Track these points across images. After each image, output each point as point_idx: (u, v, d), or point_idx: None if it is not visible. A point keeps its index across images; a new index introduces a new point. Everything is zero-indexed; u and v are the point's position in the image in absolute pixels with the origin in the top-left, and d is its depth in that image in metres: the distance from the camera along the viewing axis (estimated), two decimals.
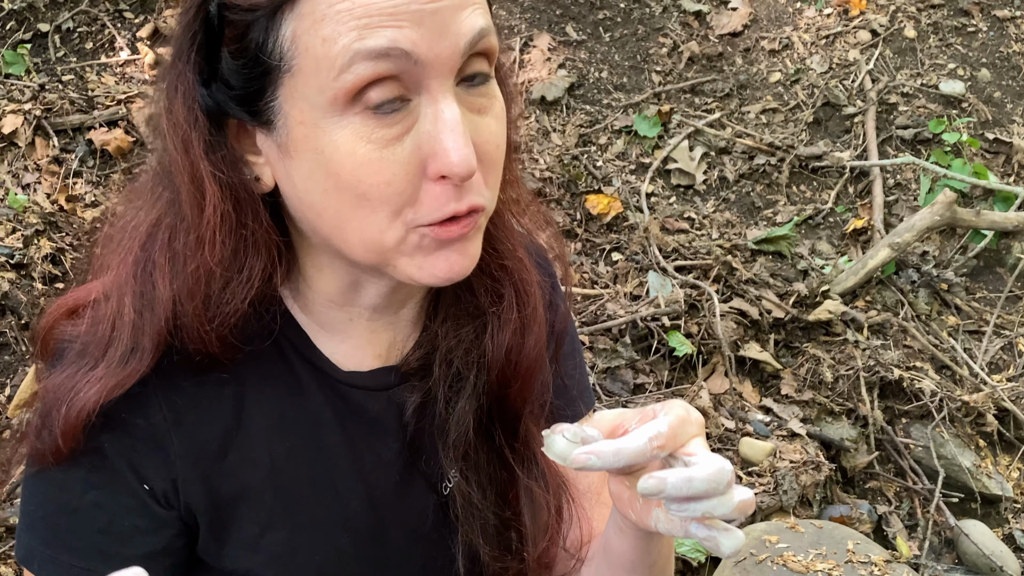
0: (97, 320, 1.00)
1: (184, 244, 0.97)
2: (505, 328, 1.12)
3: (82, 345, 1.00)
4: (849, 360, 3.58)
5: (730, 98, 4.75)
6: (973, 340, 3.96)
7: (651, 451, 0.88)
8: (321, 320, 1.08)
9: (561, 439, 0.90)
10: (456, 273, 0.96)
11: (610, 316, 3.55)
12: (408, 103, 0.89)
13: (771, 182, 4.48)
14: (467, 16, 0.89)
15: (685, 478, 0.86)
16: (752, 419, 3.32)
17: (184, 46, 0.93)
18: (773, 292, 3.72)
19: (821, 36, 4.94)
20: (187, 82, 0.93)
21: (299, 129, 0.90)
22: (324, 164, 0.90)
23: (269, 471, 1.04)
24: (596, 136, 4.55)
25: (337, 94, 0.87)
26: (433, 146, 0.89)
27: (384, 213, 0.91)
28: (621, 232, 4.07)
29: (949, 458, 3.41)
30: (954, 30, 4.97)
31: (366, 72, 0.86)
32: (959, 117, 4.64)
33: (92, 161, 3.81)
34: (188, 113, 0.93)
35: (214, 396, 1.02)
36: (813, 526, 2.90)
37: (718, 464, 0.87)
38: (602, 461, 0.87)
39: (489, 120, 0.95)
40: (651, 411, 0.92)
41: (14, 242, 3.32)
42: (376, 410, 1.11)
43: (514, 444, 1.16)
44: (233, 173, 0.95)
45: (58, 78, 4.09)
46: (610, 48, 4.86)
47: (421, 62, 0.87)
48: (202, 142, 0.93)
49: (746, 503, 0.88)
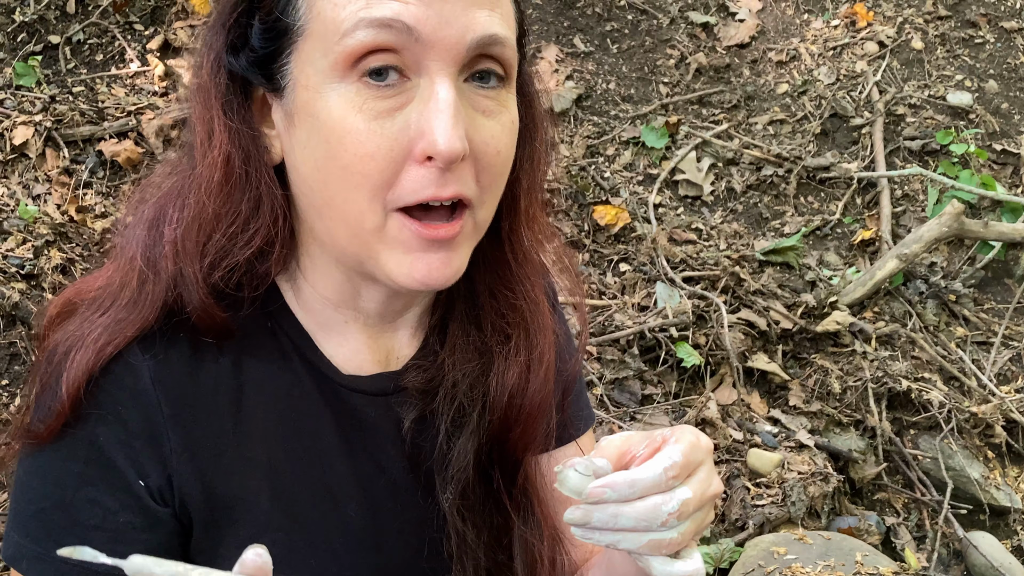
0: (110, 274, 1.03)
1: (189, 186, 1.00)
2: (510, 370, 1.11)
3: (92, 298, 1.02)
4: (857, 371, 3.57)
5: (737, 109, 4.76)
6: (981, 351, 3.95)
7: (666, 481, 0.88)
8: (320, 320, 1.08)
9: (574, 474, 0.88)
10: (435, 280, 0.96)
11: (618, 327, 3.55)
12: (407, 81, 0.91)
13: (779, 193, 4.49)
14: (482, 16, 0.91)
15: (611, 512, 0.87)
16: (760, 430, 3.32)
17: (225, 12, 0.99)
18: (781, 303, 3.72)
19: (828, 48, 4.94)
20: (219, 44, 0.98)
21: (303, 93, 0.94)
22: (318, 130, 0.92)
23: (267, 472, 1.04)
24: (604, 147, 4.56)
25: (338, 58, 0.90)
26: (421, 125, 0.90)
27: (364, 191, 0.92)
28: (629, 243, 4.07)
29: (958, 469, 3.41)
30: (961, 41, 4.97)
31: (367, 39, 0.89)
32: (967, 128, 4.64)
33: (102, 172, 3.83)
34: (211, 68, 0.98)
35: (212, 392, 1.02)
36: (821, 538, 2.89)
37: (652, 502, 0.87)
38: (617, 493, 0.87)
39: (493, 124, 0.96)
40: (659, 436, 0.92)
41: (24, 253, 3.34)
42: (375, 416, 1.10)
43: (512, 490, 1.15)
44: (245, 128, 0.98)
45: (69, 90, 4.11)
46: (618, 60, 4.87)
47: (422, 40, 0.89)
48: (219, 94, 0.98)
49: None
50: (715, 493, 0.93)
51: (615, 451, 0.91)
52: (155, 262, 1.00)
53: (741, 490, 3.10)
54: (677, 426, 0.95)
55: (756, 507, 3.04)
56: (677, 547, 0.90)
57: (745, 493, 3.09)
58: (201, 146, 0.98)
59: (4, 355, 3.17)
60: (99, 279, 1.05)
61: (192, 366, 1.01)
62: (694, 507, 0.89)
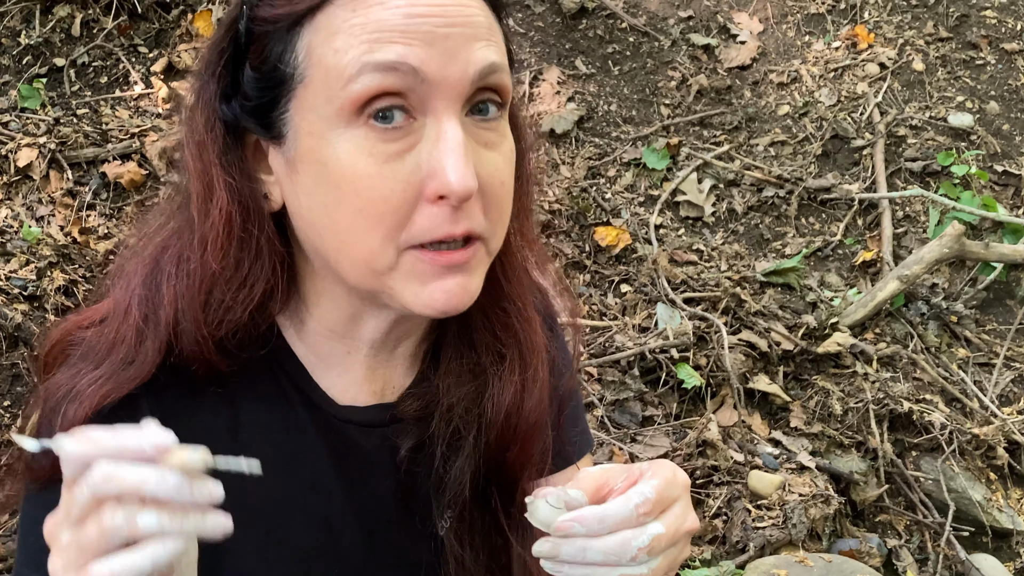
0: (104, 325, 1.02)
1: (189, 245, 0.99)
2: (505, 389, 1.11)
3: (87, 348, 1.01)
4: (858, 392, 3.57)
5: (739, 131, 4.77)
6: (983, 372, 3.94)
7: (637, 517, 0.87)
8: (320, 352, 1.08)
9: (544, 505, 0.88)
10: (453, 305, 0.96)
11: (618, 348, 3.55)
12: (413, 122, 0.91)
13: (780, 214, 4.49)
14: (480, 48, 0.91)
15: (579, 547, 0.87)
16: (761, 452, 3.31)
17: (212, 60, 0.98)
18: (782, 324, 3.72)
19: (829, 69, 4.96)
20: (209, 93, 0.98)
21: (306, 140, 0.93)
22: (327, 176, 0.92)
23: (263, 504, 1.04)
24: (605, 168, 4.57)
25: (344, 104, 0.90)
26: (432, 165, 0.90)
27: (378, 234, 0.92)
28: (630, 264, 4.08)
29: (960, 491, 3.39)
30: (962, 63, 4.98)
31: (373, 83, 0.88)
32: (968, 149, 4.65)
33: (105, 194, 3.85)
34: (207, 120, 0.97)
35: (209, 427, 1.02)
36: (822, 560, 2.89)
37: (622, 537, 0.86)
38: (586, 528, 0.86)
39: (496, 156, 0.96)
40: (637, 470, 0.91)
41: (28, 274, 3.35)
42: (370, 447, 1.10)
43: (510, 510, 1.15)
44: (243, 181, 0.98)
45: (73, 112, 4.13)
46: (619, 81, 4.89)
47: (428, 81, 0.89)
48: (216, 148, 0.97)
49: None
50: (689, 530, 0.92)
51: (592, 483, 0.91)
52: (154, 320, 0.99)
53: (742, 512, 3.09)
54: (655, 460, 0.94)
55: (757, 529, 3.04)
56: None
57: (746, 515, 3.08)
58: (200, 202, 0.97)
59: (6, 376, 3.18)
60: (95, 315, 1.05)
61: (188, 401, 1.02)
62: (666, 543, 0.88)
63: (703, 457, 3.24)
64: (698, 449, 3.26)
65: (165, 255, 1.02)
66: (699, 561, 2.95)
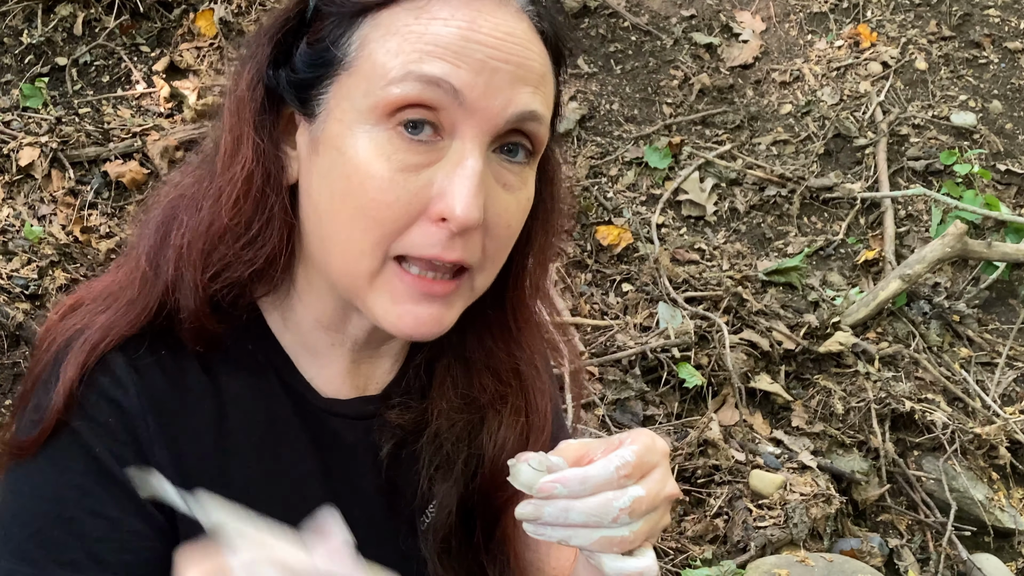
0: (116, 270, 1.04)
1: (204, 196, 1.01)
2: (509, 429, 1.13)
3: (97, 294, 1.03)
4: (860, 392, 3.57)
5: (741, 130, 4.77)
6: (985, 372, 3.94)
7: (618, 480, 0.89)
8: (306, 341, 1.09)
9: (527, 468, 0.90)
10: (422, 333, 0.97)
11: (620, 347, 3.55)
12: (439, 141, 0.92)
13: (782, 213, 4.49)
14: (526, 92, 0.93)
15: (562, 508, 0.88)
16: (762, 451, 3.31)
17: (274, 26, 1.00)
18: (784, 323, 3.71)
19: (832, 68, 4.95)
20: (262, 56, 1.00)
21: (335, 126, 0.95)
22: (342, 166, 0.94)
23: (244, 491, 1.03)
24: (607, 167, 4.57)
25: (379, 102, 0.91)
26: (444, 187, 0.91)
27: (372, 236, 0.93)
28: (631, 263, 4.08)
29: (961, 491, 3.39)
30: (965, 62, 4.98)
31: (412, 91, 0.90)
32: (970, 148, 4.64)
33: (107, 193, 3.85)
34: (251, 80, 1.00)
35: (195, 411, 1.02)
36: (824, 559, 2.88)
37: (603, 497, 0.88)
38: (568, 489, 0.88)
39: (510, 199, 0.97)
40: (616, 440, 0.93)
41: (29, 273, 3.35)
42: (352, 439, 1.11)
43: (489, 544, 1.16)
44: (270, 146, 1.00)
45: (75, 111, 4.13)
46: (621, 80, 4.89)
47: (466, 105, 0.90)
48: (254, 108, 0.99)
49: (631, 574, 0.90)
50: (669, 495, 0.93)
51: (573, 453, 0.92)
52: (158, 264, 1.01)
53: (743, 511, 3.09)
54: (634, 430, 0.96)
55: (758, 529, 3.03)
56: (629, 546, 0.91)
57: (747, 514, 3.08)
58: (225, 156, 1.00)
59: (8, 375, 3.18)
60: (106, 279, 1.07)
61: (176, 385, 1.02)
62: (647, 506, 0.90)
63: (704, 456, 3.24)
64: (699, 448, 3.25)
65: (182, 203, 1.03)
66: (700, 561, 2.94)
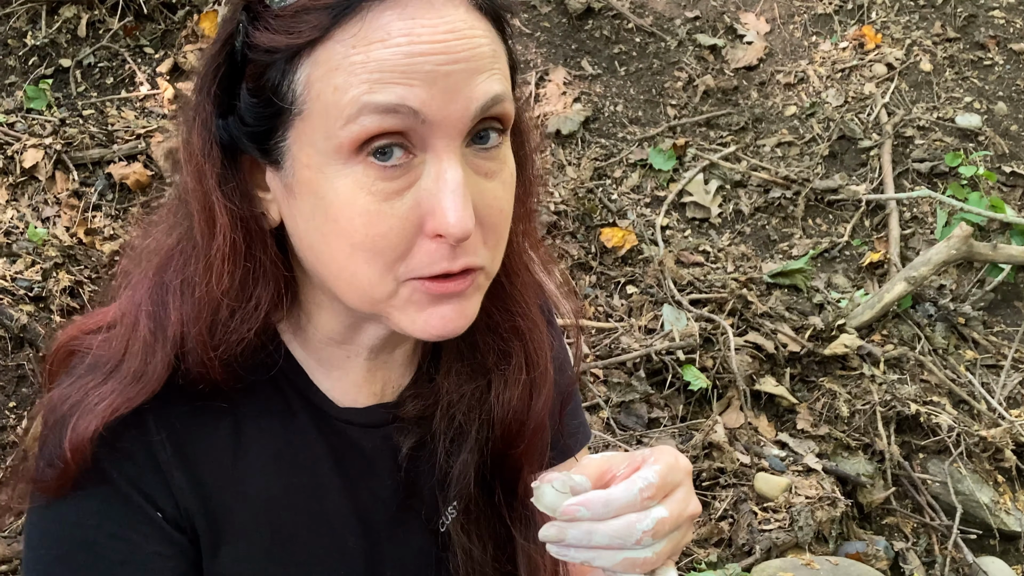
0: (111, 337, 1.01)
1: (194, 270, 0.98)
2: (512, 388, 1.12)
3: (94, 359, 1.01)
4: (865, 395, 3.56)
5: (745, 131, 4.76)
6: (991, 374, 3.93)
7: (641, 502, 0.88)
8: (320, 356, 1.09)
9: (550, 490, 0.89)
10: (450, 331, 0.96)
11: (624, 349, 3.55)
12: (413, 159, 0.90)
13: (787, 215, 4.48)
14: (482, 81, 0.90)
15: (585, 530, 0.88)
16: (767, 454, 3.30)
17: (207, 78, 0.95)
18: (789, 326, 3.71)
19: (837, 70, 4.95)
20: (205, 113, 0.95)
21: (304, 172, 0.92)
22: (325, 209, 0.91)
23: (266, 506, 1.04)
24: (611, 169, 4.56)
25: (342, 143, 0.88)
26: (432, 204, 0.89)
27: (377, 266, 0.92)
28: (636, 265, 4.07)
29: (967, 494, 3.38)
30: (970, 63, 4.97)
31: (372, 125, 0.87)
32: (976, 150, 4.63)
33: (111, 195, 3.85)
34: (204, 143, 0.95)
35: (212, 431, 1.03)
36: (829, 563, 2.88)
37: (626, 520, 0.88)
38: (592, 512, 0.88)
39: (495, 185, 0.95)
40: (640, 457, 0.93)
41: (33, 275, 3.36)
42: (371, 447, 1.11)
43: (513, 503, 1.16)
44: (244, 205, 0.96)
45: (79, 113, 4.14)
46: (625, 82, 4.89)
47: (429, 121, 0.88)
48: (215, 173, 0.95)
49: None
50: (692, 514, 0.93)
51: (595, 470, 0.92)
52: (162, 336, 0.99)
53: (748, 514, 3.08)
54: (658, 447, 0.95)
55: (763, 532, 3.03)
56: (652, 566, 0.91)
57: (752, 517, 3.07)
58: (203, 226, 0.96)
59: (12, 377, 3.18)
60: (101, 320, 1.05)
61: (191, 406, 1.02)
62: (670, 527, 0.90)
63: (709, 459, 3.23)
64: (704, 451, 3.25)
65: (170, 266, 1.01)
66: (705, 564, 2.94)
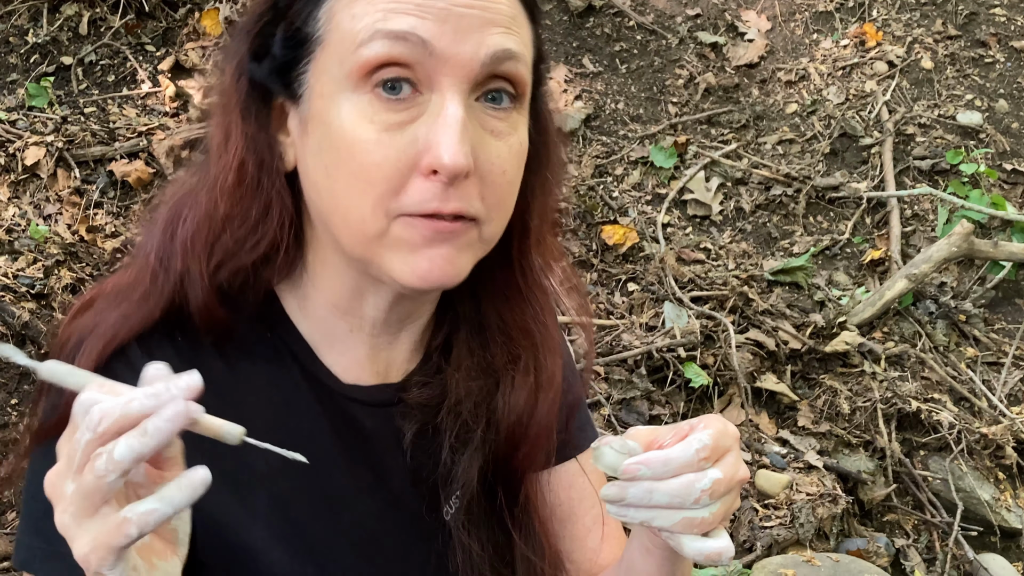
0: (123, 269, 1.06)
1: (202, 186, 1.03)
2: (519, 390, 1.13)
3: (110, 291, 1.05)
4: (866, 392, 3.56)
5: (746, 129, 4.76)
6: (992, 372, 3.93)
7: (698, 462, 0.90)
8: (323, 329, 1.09)
9: (610, 451, 0.91)
10: (437, 277, 0.96)
11: (625, 347, 3.55)
12: (419, 95, 0.93)
13: (788, 213, 4.48)
14: (496, 33, 0.94)
15: (646, 488, 0.90)
16: (768, 451, 3.31)
17: (250, 21, 1.02)
18: (790, 323, 3.71)
19: (838, 67, 4.95)
20: (241, 50, 1.02)
21: (318, 102, 0.96)
22: (330, 138, 0.95)
23: (264, 479, 1.05)
24: (612, 167, 4.56)
25: (353, 68, 0.92)
26: (428, 139, 0.92)
27: (369, 198, 0.94)
28: (637, 262, 4.07)
29: (968, 491, 3.38)
30: (971, 61, 4.97)
31: (382, 50, 0.91)
32: (977, 148, 4.63)
33: (113, 192, 3.85)
34: (234, 73, 1.02)
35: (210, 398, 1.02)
36: (830, 559, 2.88)
37: (686, 479, 0.90)
38: (652, 471, 0.90)
39: (500, 145, 0.97)
40: (686, 426, 0.94)
41: (35, 272, 3.36)
42: (373, 426, 1.11)
43: (513, 509, 1.17)
44: (260, 133, 1.01)
45: (80, 110, 4.14)
46: (626, 79, 4.89)
47: (437, 55, 0.91)
48: (239, 99, 1.01)
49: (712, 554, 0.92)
50: (743, 478, 0.95)
51: (644, 438, 0.94)
52: (167, 260, 1.03)
53: (749, 511, 3.08)
54: (705, 415, 0.97)
55: (764, 529, 3.03)
56: (708, 527, 0.92)
57: (753, 514, 3.07)
58: (217, 149, 1.01)
59: (13, 374, 3.18)
60: (116, 279, 1.08)
61: (190, 366, 1.02)
62: (724, 488, 0.92)
63: None
64: None
65: (186, 200, 1.05)
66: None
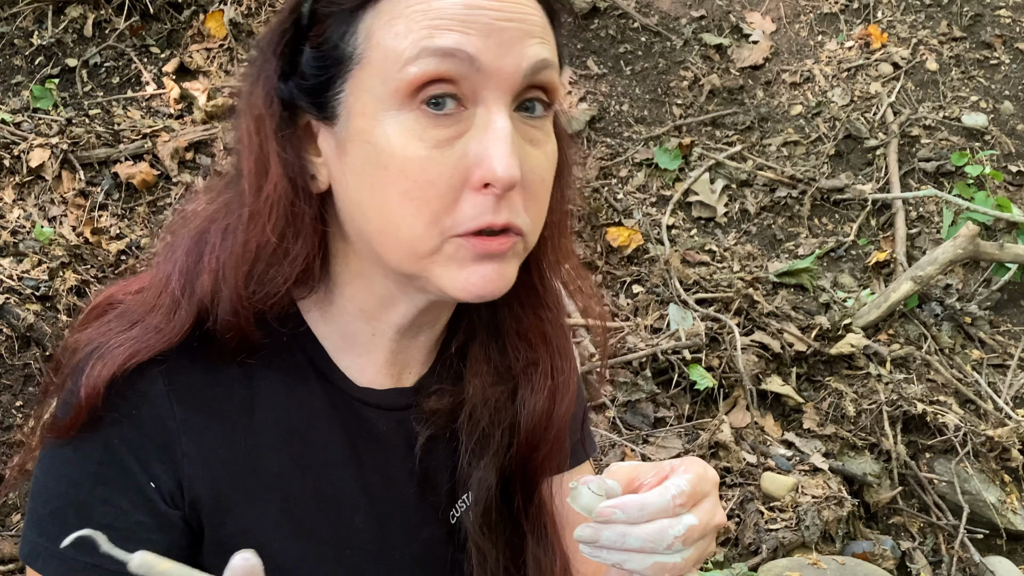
0: (144, 292, 1.04)
1: (238, 218, 1.01)
2: (538, 393, 1.14)
3: (124, 309, 1.04)
4: (872, 394, 3.55)
5: (751, 131, 4.76)
6: (997, 374, 3.92)
7: (674, 508, 0.91)
8: (345, 332, 1.09)
9: (587, 491, 0.92)
10: (489, 291, 0.98)
11: (630, 349, 3.54)
12: (464, 111, 0.94)
13: (793, 215, 4.48)
14: (534, 43, 0.95)
15: (619, 532, 0.91)
16: (774, 453, 3.30)
17: (274, 40, 1.00)
18: (795, 325, 3.70)
19: (843, 69, 4.94)
20: (269, 71, 1.00)
21: (358, 121, 0.95)
22: (376, 157, 0.94)
23: (277, 481, 1.05)
24: (617, 169, 4.56)
25: (399, 86, 0.92)
26: (480, 153, 0.92)
27: (424, 217, 0.94)
28: (642, 265, 4.07)
29: (974, 493, 3.38)
30: (976, 63, 4.96)
31: (430, 67, 0.91)
32: (982, 150, 4.63)
33: (117, 194, 3.85)
34: (266, 97, 1.00)
35: (225, 400, 1.03)
36: (835, 562, 2.87)
37: (660, 525, 0.91)
38: (627, 515, 0.91)
39: (539, 153, 0.99)
40: (667, 466, 0.95)
41: (40, 274, 3.36)
42: (384, 430, 1.12)
43: (529, 510, 1.18)
44: (295, 158, 1.00)
45: (85, 112, 4.14)
46: (631, 81, 4.88)
47: (483, 70, 0.92)
48: (274, 123, 1.00)
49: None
50: (718, 524, 0.96)
51: (625, 476, 0.95)
52: (190, 290, 1.02)
53: (754, 514, 3.08)
54: (686, 457, 0.98)
55: (770, 531, 3.02)
56: (680, 572, 0.93)
57: (759, 517, 3.07)
58: (252, 177, 1.00)
59: (19, 376, 3.18)
60: (135, 286, 1.07)
61: (205, 374, 1.03)
62: (698, 535, 0.92)
63: (715, 459, 3.23)
64: (710, 451, 3.25)
65: (212, 227, 1.04)
66: (711, 563, 2.94)
